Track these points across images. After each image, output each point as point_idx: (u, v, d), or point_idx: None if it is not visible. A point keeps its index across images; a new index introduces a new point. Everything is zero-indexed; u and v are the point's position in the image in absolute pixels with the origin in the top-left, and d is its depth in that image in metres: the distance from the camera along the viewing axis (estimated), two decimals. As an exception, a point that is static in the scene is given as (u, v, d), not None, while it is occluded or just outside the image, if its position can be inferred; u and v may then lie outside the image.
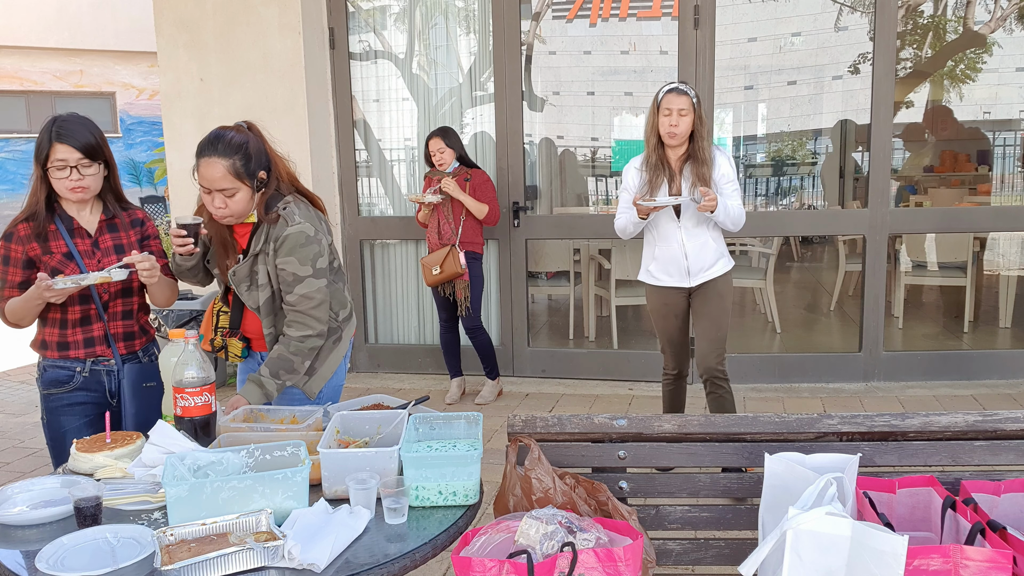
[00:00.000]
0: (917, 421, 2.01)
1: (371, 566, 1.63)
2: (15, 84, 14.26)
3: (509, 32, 5.46)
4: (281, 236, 2.44)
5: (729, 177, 3.65)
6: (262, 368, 2.45)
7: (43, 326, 2.58)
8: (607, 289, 6.08)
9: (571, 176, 6.94)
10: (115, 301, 2.60)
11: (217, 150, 2.34)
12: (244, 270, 2.50)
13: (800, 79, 6.46)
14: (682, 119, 3.53)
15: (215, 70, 5.56)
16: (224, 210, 2.40)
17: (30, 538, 1.76)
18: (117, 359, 2.61)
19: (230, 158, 2.34)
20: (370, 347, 5.97)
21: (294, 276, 2.45)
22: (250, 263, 2.50)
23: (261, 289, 2.50)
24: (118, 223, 2.62)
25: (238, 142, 2.37)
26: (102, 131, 2.56)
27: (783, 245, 8.17)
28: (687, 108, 3.54)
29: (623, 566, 1.61)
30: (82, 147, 2.46)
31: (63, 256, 2.51)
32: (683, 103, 3.55)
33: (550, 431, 2.08)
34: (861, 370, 5.26)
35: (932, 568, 1.53)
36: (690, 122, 3.56)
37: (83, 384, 2.58)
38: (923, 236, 6.26)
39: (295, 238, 2.43)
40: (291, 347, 2.46)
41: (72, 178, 2.46)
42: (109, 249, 2.58)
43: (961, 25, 7.36)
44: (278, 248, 2.45)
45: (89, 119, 2.53)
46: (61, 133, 2.44)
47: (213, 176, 2.34)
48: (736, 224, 3.67)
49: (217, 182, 2.35)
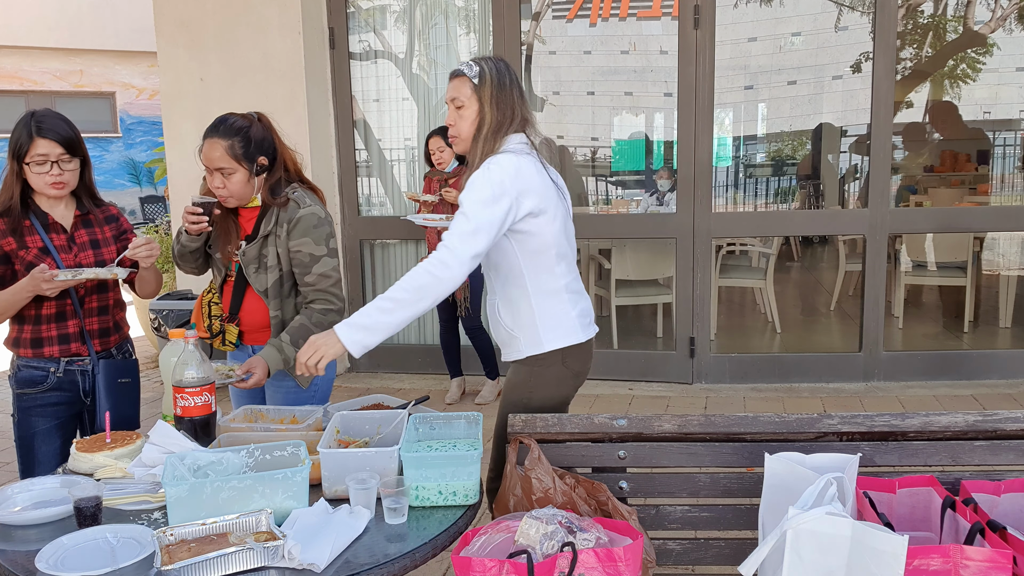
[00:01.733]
0: (917, 421, 2.01)
1: (371, 566, 1.63)
2: (15, 84, 14.24)
3: (509, 32, 5.46)
4: (294, 218, 2.53)
5: (467, 200, 2.20)
6: (283, 335, 2.52)
7: (17, 323, 2.57)
8: (607, 289, 6.08)
9: (571, 176, 6.93)
10: (91, 297, 2.60)
11: (219, 132, 2.48)
12: (253, 251, 2.57)
13: (800, 79, 6.46)
14: (460, 115, 2.33)
15: (215, 70, 5.56)
16: (223, 190, 2.51)
17: (30, 538, 1.75)
18: (92, 356, 2.61)
19: (229, 139, 2.47)
20: (370, 347, 5.97)
21: (310, 256, 2.54)
22: (259, 244, 2.56)
23: (270, 271, 2.57)
24: (92, 219, 2.63)
25: (239, 126, 2.50)
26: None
27: (783, 245, 8.17)
28: (464, 98, 2.31)
29: (623, 566, 1.61)
30: (64, 141, 2.47)
31: (39, 251, 2.51)
32: (459, 91, 2.32)
33: (550, 431, 2.08)
34: (861, 370, 5.26)
35: (932, 568, 1.53)
36: (474, 115, 2.31)
37: (56, 384, 2.58)
38: (923, 236, 6.26)
39: (308, 219, 2.53)
40: (313, 318, 2.54)
41: (53, 173, 2.47)
42: (85, 244, 2.59)
43: (961, 25, 7.36)
44: (291, 230, 2.53)
45: (63, 115, 2.54)
46: (42, 128, 2.45)
47: (212, 155, 2.47)
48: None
49: (215, 161, 2.47)
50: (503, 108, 2.29)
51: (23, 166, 2.47)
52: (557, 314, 2.30)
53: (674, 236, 5.34)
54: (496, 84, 2.31)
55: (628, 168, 6.90)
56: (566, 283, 2.33)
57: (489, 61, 2.34)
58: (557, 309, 2.30)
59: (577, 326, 2.33)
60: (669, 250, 5.49)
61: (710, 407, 4.90)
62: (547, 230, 2.26)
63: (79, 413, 2.65)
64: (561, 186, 2.40)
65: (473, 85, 2.30)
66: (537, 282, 2.30)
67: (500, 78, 2.31)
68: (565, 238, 2.34)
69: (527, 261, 2.28)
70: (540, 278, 2.30)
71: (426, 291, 2.11)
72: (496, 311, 2.37)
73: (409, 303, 2.11)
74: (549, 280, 2.30)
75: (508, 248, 2.29)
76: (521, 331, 2.32)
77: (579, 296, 2.38)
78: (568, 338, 2.31)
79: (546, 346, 2.29)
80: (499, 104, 2.29)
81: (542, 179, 2.27)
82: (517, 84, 2.35)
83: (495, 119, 2.29)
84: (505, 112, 2.29)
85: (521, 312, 2.31)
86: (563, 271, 2.32)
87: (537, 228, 2.25)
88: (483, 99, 2.31)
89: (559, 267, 2.31)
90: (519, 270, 2.30)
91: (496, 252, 2.31)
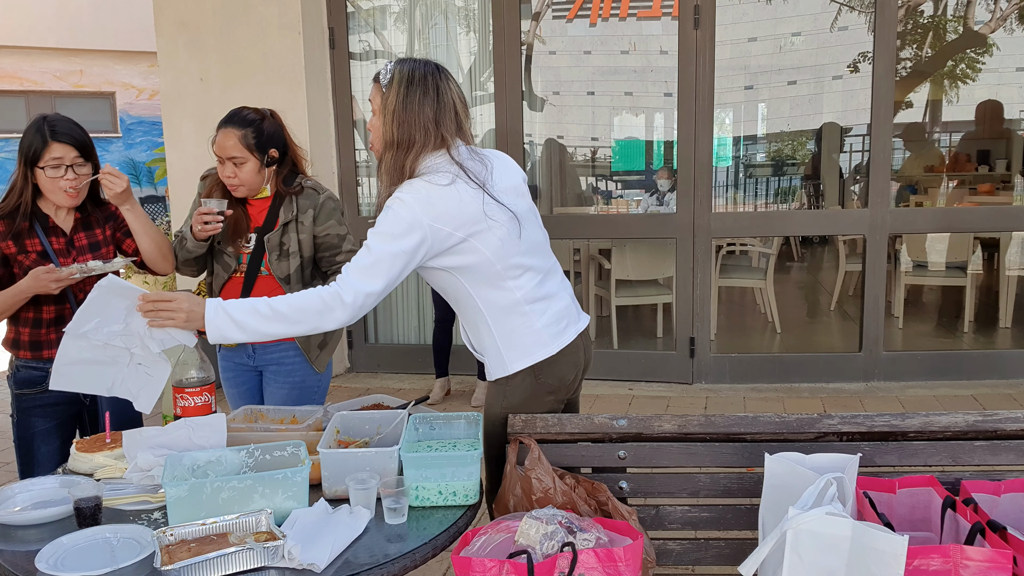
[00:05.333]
0: (917, 421, 2.01)
1: (371, 566, 1.63)
2: (15, 84, 14.24)
3: (509, 32, 5.46)
4: (318, 204, 2.68)
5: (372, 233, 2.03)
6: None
7: (16, 325, 2.56)
8: (607, 289, 6.08)
9: (571, 176, 6.94)
10: None
11: (233, 122, 2.60)
12: (276, 238, 2.66)
13: (800, 79, 6.46)
14: (373, 124, 2.10)
15: (215, 70, 5.56)
16: (234, 179, 2.60)
17: (30, 538, 1.75)
18: None
19: (243, 130, 2.58)
20: (370, 347, 5.97)
21: (338, 237, 2.71)
22: (280, 232, 2.65)
23: (291, 257, 2.67)
24: (93, 220, 2.63)
25: (252, 118, 2.61)
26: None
27: (783, 245, 8.17)
28: (376, 106, 2.08)
29: (623, 566, 1.61)
30: (78, 145, 2.47)
31: (38, 255, 2.51)
32: (373, 98, 2.09)
33: (550, 431, 2.08)
34: (861, 370, 5.26)
35: (932, 568, 1.53)
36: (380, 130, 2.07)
37: None
38: (923, 236, 6.26)
39: (329, 203, 2.70)
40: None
41: (68, 177, 2.46)
42: (84, 248, 2.58)
43: (961, 25, 7.36)
44: (317, 215, 2.67)
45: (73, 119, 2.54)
46: (56, 131, 2.44)
47: (226, 144, 2.58)
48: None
49: (228, 150, 2.57)
50: (406, 128, 2.00)
51: (36, 170, 2.46)
52: (519, 330, 2.09)
53: (674, 236, 5.34)
54: (401, 98, 2.01)
55: (628, 168, 6.90)
56: (524, 294, 2.09)
57: (406, 65, 2.05)
58: (518, 324, 2.09)
59: (546, 338, 2.11)
60: (669, 250, 5.49)
61: (710, 407, 4.90)
62: (484, 248, 2.01)
63: (78, 413, 2.65)
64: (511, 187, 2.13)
65: (382, 94, 2.05)
66: (489, 301, 2.08)
67: (408, 90, 2.01)
68: (515, 248, 2.07)
69: (471, 283, 2.07)
70: (491, 297, 2.08)
71: (309, 317, 1.94)
72: (464, 333, 2.23)
73: (288, 321, 1.95)
74: (501, 296, 2.07)
75: (446, 276, 2.09)
76: (487, 353, 2.16)
77: (545, 303, 2.13)
78: (536, 354, 2.10)
79: (511, 368, 2.11)
80: (400, 123, 2.01)
81: (469, 199, 1.99)
82: (435, 95, 2.03)
83: (396, 139, 2.02)
84: (410, 133, 2.00)
85: (482, 335, 2.14)
86: (518, 283, 2.08)
87: (470, 250, 2.01)
88: (386, 114, 2.03)
89: (511, 280, 2.07)
90: (466, 293, 2.09)
91: (438, 280, 2.12)
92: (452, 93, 2.06)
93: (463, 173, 2.02)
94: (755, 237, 6.59)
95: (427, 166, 2.03)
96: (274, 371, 2.73)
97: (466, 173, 2.02)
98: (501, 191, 2.08)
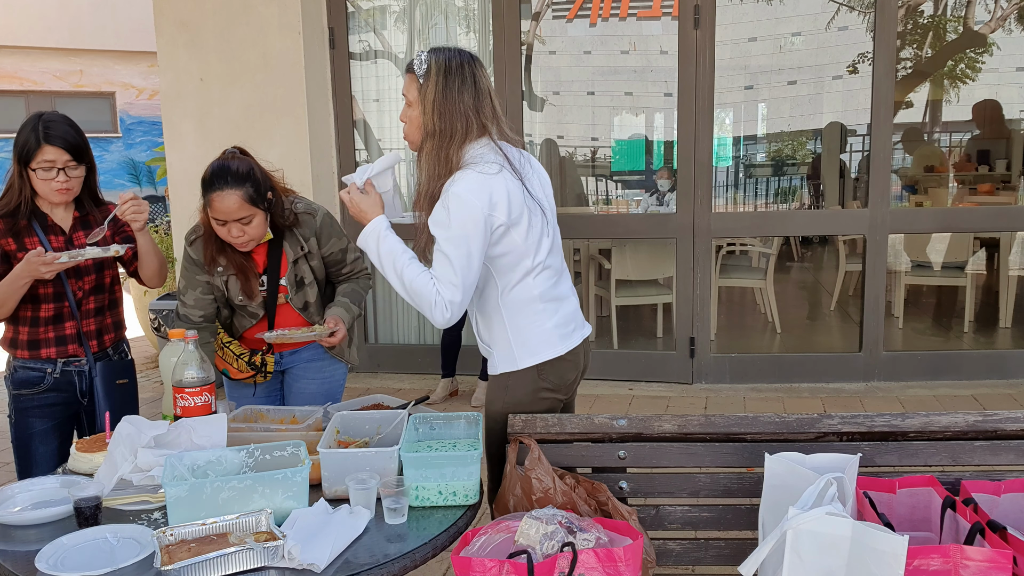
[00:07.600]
0: (917, 421, 2.01)
1: (371, 566, 1.63)
2: (15, 84, 14.24)
3: (509, 32, 5.45)
4: (316, 228, 2.61)
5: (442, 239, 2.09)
6: (341, 299, 2.67)
7: (14, 324, 2.56)
8: (607, 289, 6.08)
9: (571, 176, 6.94)
10: (88, 298, 2.59)
11: (228, 182, 2.36)
12: (291, 277, 2.60)
13: (800, 79, 6.47)
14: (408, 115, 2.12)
15: (215, 70, 5.56)
16: (242, 237, 2.44)
17: (30, 538, 1.75)
18: (89, 357, 2.60)
19: (242, 187, 2.37)
20: (370, 347, 5.97)
21: (341, 251, 2.70)
22: (292, 271, 2.59)
23: (308, 287, 2.64)
24: (92, 220, 2.61)
25: (244, 170, 2.40)
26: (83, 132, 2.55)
27: (783, 245, 8.17)
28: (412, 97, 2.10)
29: (623, 566, 1.61)
30: (71, 148, 2.44)
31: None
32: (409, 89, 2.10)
33: (550, 431, 2.08)
34: (861, 370, 5.26)
35: (932, 568, 1.53)
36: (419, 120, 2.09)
37: (54, 385, 2.57)
38: (923, 236, 6.26)
39: (326, 220, 2.65)
40: (361, 284, 2.77)
41: (59, 180, 2.44)
42: (83, 247, 2.57)
43: (961, 25, 7.36)
44: (320, 239, 2.63)
45: (71, 119, 2.51)
46: (50, 134, 2.41)
47: (230, 208, 2.36)
48: None
49: (234, 213, 2.37)
50: (447, 118, 2.00)
51: (28, 170, 2.44)
52: (532, 327, 2.12)
53: (674, 236, 5.33)
54: (440, 87, 2.00)
55: (628, 168, 6.90)
56: (541, 292, 2.12)
57: (441, 55, 2.03)
58: (530, 321, 2.12)
59: (555, 338, 2.14)
60: (669, 250, 5.49)
61: (710, 407, 4.90)
62: (519, 241, 2.06)
63: (76, 414, 2.65)
64: (540, 185, 2.20)
65: (419, 85, 2.04)
66: (510, 294, 2.11)
67: (447, 79, 2.00)
68: (542, 245, 2.13)
69: (499, 274, 2.11)
70: (513, 290, 2.11)
71: (416, 297, 2.03)
72: (475, 323, 2.23)
73: (405, 290, 2.05)
74: (521, 291, 2.11)
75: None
76: (495, 346, 2.17)
77: (558, 303, 2.17)
78: (543, 353, 2.13)
79: (520, 364, 2.13)
80: (442, 113, 2.00)
81: (515, 188, 2.04)
82: (472, 84, 2.03)
83: (438, 130, 2.01)
84: (452, 122, 2.01)
85: (494, 327, 2.15)
86: (539, 280, 2.12)
87: (508, 240, 2.05)
88: (425, 104, 2.02)
89: (533, 277, 2.11)
90: (492, 283, 2.12)
91: None
92: (487, 81, 2.07)
93: (507, 162, 2.06)
94: (755, 237, 6.59)
95: (472, 155, 2.04)
96: (303, 369, 2.74)
97: (509, 162, 2.07)
98: (533, 186, 2.15)
